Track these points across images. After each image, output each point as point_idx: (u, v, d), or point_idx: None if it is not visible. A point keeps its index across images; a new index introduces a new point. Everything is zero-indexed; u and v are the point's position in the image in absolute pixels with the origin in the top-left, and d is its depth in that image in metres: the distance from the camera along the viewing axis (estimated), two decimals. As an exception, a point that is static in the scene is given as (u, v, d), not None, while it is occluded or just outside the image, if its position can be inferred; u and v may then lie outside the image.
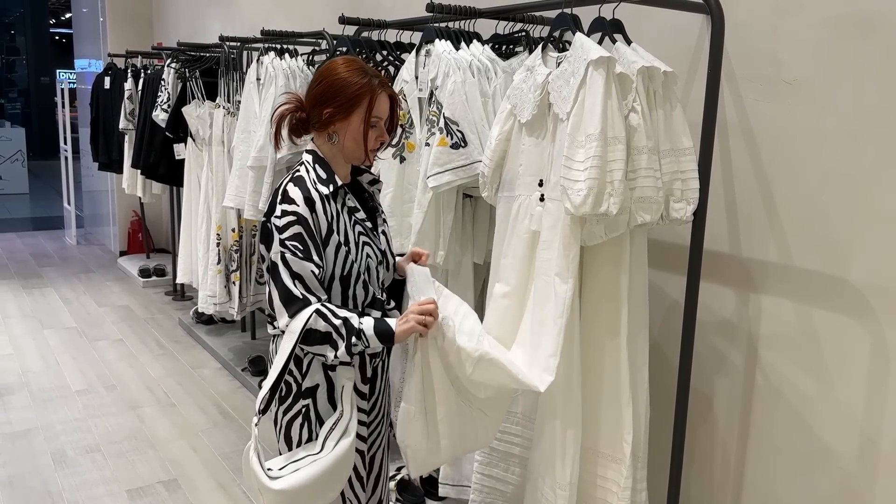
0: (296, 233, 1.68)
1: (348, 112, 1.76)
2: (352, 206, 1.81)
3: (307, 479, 1.68)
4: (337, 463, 1.72)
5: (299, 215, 1.69)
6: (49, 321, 5.38)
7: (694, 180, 1.92)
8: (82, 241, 8.26)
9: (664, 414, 2.34)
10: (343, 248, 1.74)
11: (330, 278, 1.74)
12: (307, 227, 1.69)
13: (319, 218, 1.72)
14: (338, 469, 1.73)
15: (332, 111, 1.75)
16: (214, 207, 4.28)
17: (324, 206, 1.74)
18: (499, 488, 2.27)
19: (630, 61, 1.87)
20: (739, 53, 2.15)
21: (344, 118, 1.76)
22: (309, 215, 1.70)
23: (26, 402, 3.96)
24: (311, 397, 1.79)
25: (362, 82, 1.75)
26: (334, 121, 1.76)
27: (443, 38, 2.50)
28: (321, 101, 1.76)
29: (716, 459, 2.35)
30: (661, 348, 2.45)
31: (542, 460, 2.05)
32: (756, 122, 2.14)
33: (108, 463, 3.33)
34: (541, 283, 1.96)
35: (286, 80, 3.41)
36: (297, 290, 1.67)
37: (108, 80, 6.36)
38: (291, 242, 1.68)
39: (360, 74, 1.76)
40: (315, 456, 1.72)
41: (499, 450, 2.27)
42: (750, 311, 2.21)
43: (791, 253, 2.09)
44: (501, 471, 2.26)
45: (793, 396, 2.12)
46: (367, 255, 1.79)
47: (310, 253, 1.68)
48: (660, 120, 1.88)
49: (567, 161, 1.81)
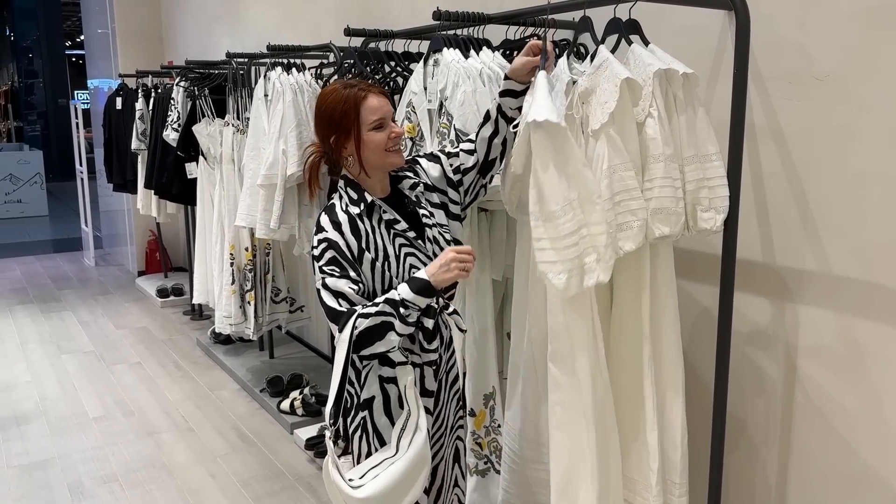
0: (330, 258, 1.75)
1: (347, 131, 1.79)
2: (389, 219, 1.83)
3: (389, 483, 1.73)
4: (414, 461, 1.76)
5: (330, 240, 1.76)
6: (67, 346, 5.34)
7: (722, 187, 1.80)
8: (101, 261, 8.25)
9: (696, 435, 2.22)
10: (378, 264, 1.78)
11: (372, 293, 1.78)
12: (338, 250, 1.75)
13: (348, 238, 1.77)
14: (416, 466, 1.76)
15: (336, 137, 1.80)
16: (228, 226, 4.21)
17: (353, 225, 1.78)
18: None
19: (646, 64, 1.76)
20: (765, 50, 2.03)
21: (347, 138, 1.80)
22: (339, 238, 1.76)
23: (44, 430, 3.90)
24: (368, 409, 1.84)
25: (344, 97, 1.79)
26: (343, 144, 1.81)
27: (451, 47, 2.40)
28: (324, 133, 1.84)
29: (755, 483, 2.21)
30: (693, 364, 2.33)
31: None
32: (786, 123, 2.02)
33: (125, 493, 3.25)
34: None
35: (294, 94, 3.33)
36: (342, 306, 1.72)
37: (119, 101, 6.34)
38: (328, 267, 1.75)
39: (340, 92, 1.80)
40: (392, 458, 1.77)
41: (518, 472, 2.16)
42: (787, 322, 2.08)
43: (829, 260, 1.96)
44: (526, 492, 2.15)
45: (836, 414, 1.99)
46: (410, 266, 1.80)
47: (347, 272, 1.74)
48: (682, 125, 1.77)
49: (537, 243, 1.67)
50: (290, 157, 3.32)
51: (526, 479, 2.14)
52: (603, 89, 1.71)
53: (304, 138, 3.32)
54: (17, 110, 19.82)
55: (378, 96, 1.80)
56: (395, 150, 1.82)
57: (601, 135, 1.70)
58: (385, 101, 1.81)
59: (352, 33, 2.83)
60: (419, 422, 1.79)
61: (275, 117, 3.39)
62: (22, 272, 7.75)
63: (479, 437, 2.50)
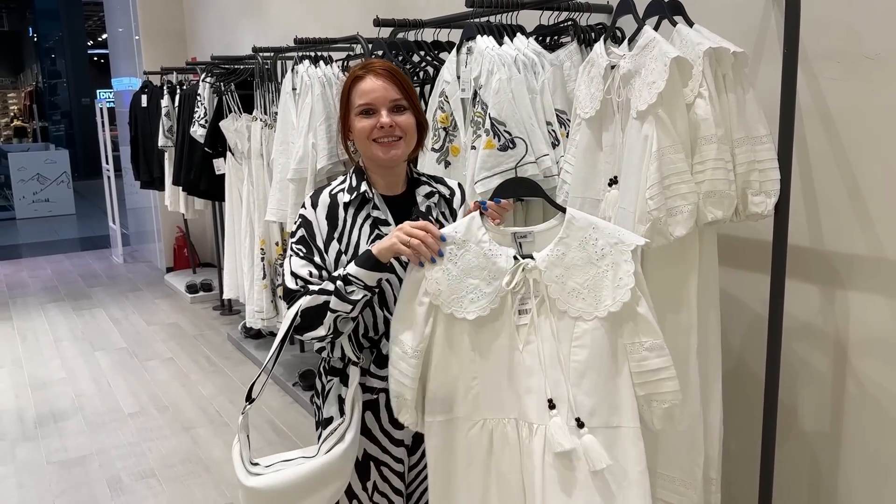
0: (300, 237, 1.68)
1: (345, 114, 1.68)
2: (378, 218, 1.69)
3: (286, 482, 1.59)
4: (323, 469, 1.62)
5: (304, 218, 1.69)
6: (100, 343, 5.39)
7: (774, 170, 1.74)
8: (129, 259, 8.32)
9: (744, 429, 2.17)
10: (344, 258, 1.66)
11: None
12: (309, 231, 1.68)
13: (321, 222, 1.68)
14: (323, 477, 1.62)
15: (340, 121, 1.72)
16: (257, 222, 4.21)
17: (332, 211, 1.68)
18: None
19: (695, 43, 1.71)
20: (811, 29, 1.97)
21: (345, 122, 1.70)
22: (314, 219, 1.68)
23: (81, 427, 3.94)
24: (325, 428, 1.74)
25: (349, 75, 1.68)
26: (345, 130, 1.71)
27: (484, 34, 2.36)
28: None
29: (804, 478, 2.16)
30: (735, 355, 2.28)
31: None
32: (834, 104, 1.96)
33: (163, 488, 3.27)
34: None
35: (322, 88, 3.31)
36: (297, 286, 1.62)
37: (144, 98, 6.36)
38: (297, 245, 1.67)
39: (352, 69, 1.68)
40: (307, 458, 1.64)
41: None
42: (837, 310, 2.02)
43: (882, 244, 1.90)
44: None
45: (890, 405, 1.93)
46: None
47: (311, 255, 1.65)
48: (732, 106, 1.72)
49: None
50: (319, 151, 3.30)
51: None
52: (650, 69, 1.67)
53: (333, 131, 3.30)
54: (41, 110, 20.06)
55: (377, 79, 1.63)
56: (381, 143, 1.64)
57: (648, 116, 1.66)
58: (383, 86, 1.63)
59: (381, 23, 2.80)
60: (347, 432, 1.65)
61: (303, 111, 3.37)
62: (52, 270, 7.83)
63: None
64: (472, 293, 1.50)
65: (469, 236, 1.53)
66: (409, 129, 1.67)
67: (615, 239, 1.49)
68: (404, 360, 1.55)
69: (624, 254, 1.48)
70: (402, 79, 1.67)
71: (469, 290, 1.51)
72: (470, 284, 1.51)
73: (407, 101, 1.66)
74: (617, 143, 1.88)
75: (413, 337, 1.54)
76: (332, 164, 3.28)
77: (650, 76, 1.66)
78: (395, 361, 1.58)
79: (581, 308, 1.48)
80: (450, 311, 1.52)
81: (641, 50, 1.72)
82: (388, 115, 1.63)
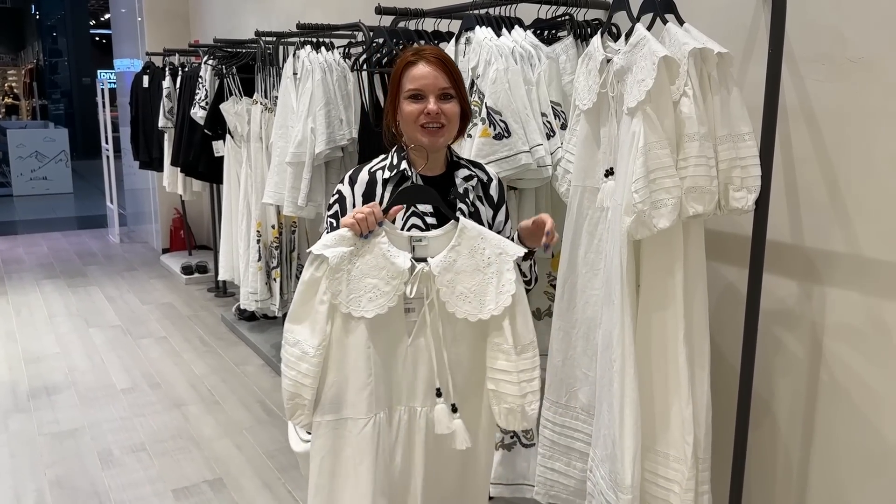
0: (334, 211, 1.76)
1: (395, 97, 1.73)
2: None
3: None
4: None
5: (340, 193, 1.77)
6: (94, 319, 5.44)
7: (755, 167, 1.81)
8: (125, 239, 8.36)
9: (722, 412, 2.24)
10: None
11: None
12: (342, 205, 1.75)
13: (357, 198, 1.74)
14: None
15: (388, 102, 1.76)
16: (254, 204, 4.26)
17: (370, 188, 1.74)
18: (562, 482, 2.21)
19: (681, 43, 1.77)
20: (799, 32, 2.03)
21: (393, 104, 1.74)
22: (349, 194, 1.75)
23: (73, 401, 3.99)
24: None
25: (401, 59, 1.72)
26: (392, 111, 1.76)
27: (483, 25, 2.42)
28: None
29: (778, 460, 2.23)
30: (718, 343, 2.35)
31: (604, 462, 1.98)
32: (819, 105, 2.02)
33: (153, 462, 3.33)
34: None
35: (323, 73, 3.36)
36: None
37: (146, 79, 6.40)
38: (330, 219, 1.75)
39: (403, 54, 1.73)
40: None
41: (560, 444, 2.21)
42: (814, 303, 2.09)
43: (859, 242, 1.97)
44: (563, 465, 2.20)
45: (861, 394, 2.00)
46: None
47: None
48: (716, 105, 1.78)
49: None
50: (318, 136, 3.35)
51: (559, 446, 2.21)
52: (640, 67, 1.73)
53: (332, 117, 3.35)
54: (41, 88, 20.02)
55: (428, 66, 1.68)
56: (427, 129, 1.69)
57: (637, 112, 1.72)
58: (434, 74, 1.68)
59: (383, 11, 2.85)
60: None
61: (304, 95, 3.42)
62: (48, 247, 7.87)
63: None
64: (371, 292, 1.58)
65: (369, 238, 1.61)
66: (453, 118, 1.72)
67: (500, 249, 1.62)
68: (305, 361, 1.61)
69: (507, 263, 1.61)
70: (453, 68, 1.73)
71: (367, 289, 1.58)
72: (369, 284, 1.58)
73: (454, 91, 1.72)
74: (612, 135, 1.94)
75: (315, 336, 1.60)
76: (329, 148, 3.34)
77: (640, 73, 1.72)
78: (294, 363, 1.62)
79: (467, 310, 1.61)
80: (347, 310, 1.59)
81: (633, 48, 1.78)
82: (435, 103, 1.68)
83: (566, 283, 2.13)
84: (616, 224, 1.83)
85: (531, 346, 1.62)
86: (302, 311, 1.62)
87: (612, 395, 1.89)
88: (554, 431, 2.22)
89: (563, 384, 2.19)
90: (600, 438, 2.01)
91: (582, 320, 2.12)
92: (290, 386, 1.62)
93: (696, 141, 1.73)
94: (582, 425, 2.16)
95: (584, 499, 2.15)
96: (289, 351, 1.63)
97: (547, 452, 2.24)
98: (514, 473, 2.47)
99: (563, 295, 2.15)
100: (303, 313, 1.61)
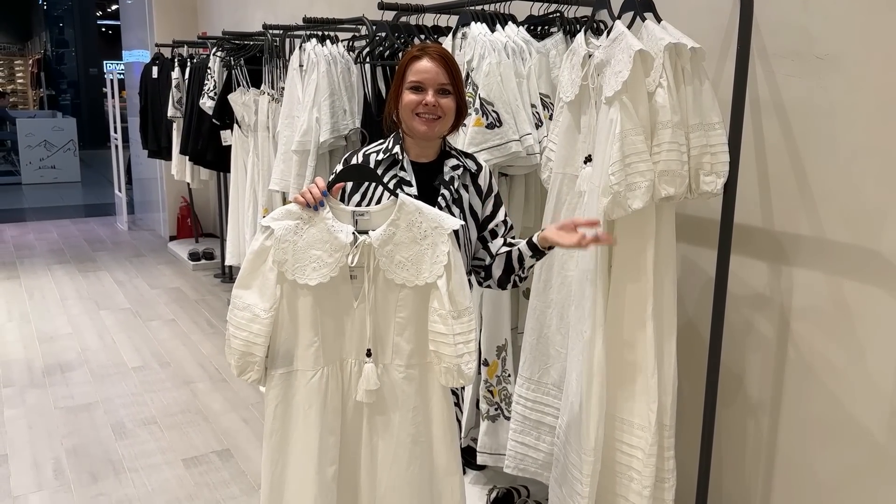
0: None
1: (398, 87, 1.89)
2: (403, 178, 1.91)
3: None
4: None
5: (335, 173, 1.87)
6: (104, 302, 5.61)
7: (724, 154, 1.97)
8: (133, 226, 8.54)
9: (696, 387, 2.40)
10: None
11: None
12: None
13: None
14: None
15: (392, 91, 1.91)
16: (260, 192, 4.42)
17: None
18: (531, 455, 2.37)
19: (658, 38, 1.93)
20: (771, 29, 2.18)
21: (396, 94, 1.90)
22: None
23: (86, 377, 4.17)
24: None
25: (407, 54, 1.87)
26: (394, 100, 1.90)
27: (478, 21, 2.57)
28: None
29: (748, 431, 2.40)
30: (692, 322, 2.51)
31: (570, 427, 2.13)
32: (788, 98, 2.17)
33: (164, 434, 3.50)
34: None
35: (328, 65, 3.51)
36: None
37: (155, 70, 6.56)
38: None
39: (409, 49, 1.88)
40: None
41: (531, 419, 2.36)
42: (782, 284, 2.25)
43: (823, 226, 2.12)
44: (534, 439, 2.35)
45: (824, 368, 2.16)
46: None
47: None
48: (689, 95, 1.93)
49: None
50: (322, 125, 3.50)
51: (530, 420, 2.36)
52: (618, 60, 1.88)
53: (336, 107, 3.50)
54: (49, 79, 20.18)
55: (430, 62, 1.83)
56: (422, 119, 1.84)
57: (615, 101, 1.87)
58: (435, 70, 1.83)
59: (385, 7, 3.00)
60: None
61: (309, 86, 3.58)
62: (58, 234, 8.05)
63: (491, 385, 2.70)
64: (315, 263, 1.74)
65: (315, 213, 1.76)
66: (449, 111, 1.88)
67: (436, 223, 1.76)
68: (257, 322, 1.75)
69: (441, 236, 1.75)
70: (454, 66, 1.88)
71: (311, 259, 1.74)
72: (313, 255, 1.74)
73: (452, 87, 1.87)
74: (592, 124, 2.10)
75: (265, 300, 1.75)
76: (333, 137, 3.49)
77: (618, 66, 1.88)
78: (245, 325, 1.77)
79: (405, 277, 1.76)
80: (293, 277, 1.75)
81: (612, 42, 1.94)
82: (433, 96, 1.83)
83: (543, 264, 2.29)
84: (593, 205, 1.99)
85: (467, 311, 1.76)
86: (250, 277, 1.77)
87: (581, 364, 2.05)
88: (526, 407, 2.38)
89: (537, 361, 2.35)
90: (567, 406, 2.16)
91: (557, 300, 2.28)
92: (241, 346, 1.76)
93: (669, 128, 1.88)
94: (552, 400, 2.32)
95: (551, 471, 2.30)
96: (238, 315, 1.77)
97: (518, 427, 2.39)
98: (497, 444, 2.64)
99: (541, 276, 2.31)
100: (251, 279, 1.77)
